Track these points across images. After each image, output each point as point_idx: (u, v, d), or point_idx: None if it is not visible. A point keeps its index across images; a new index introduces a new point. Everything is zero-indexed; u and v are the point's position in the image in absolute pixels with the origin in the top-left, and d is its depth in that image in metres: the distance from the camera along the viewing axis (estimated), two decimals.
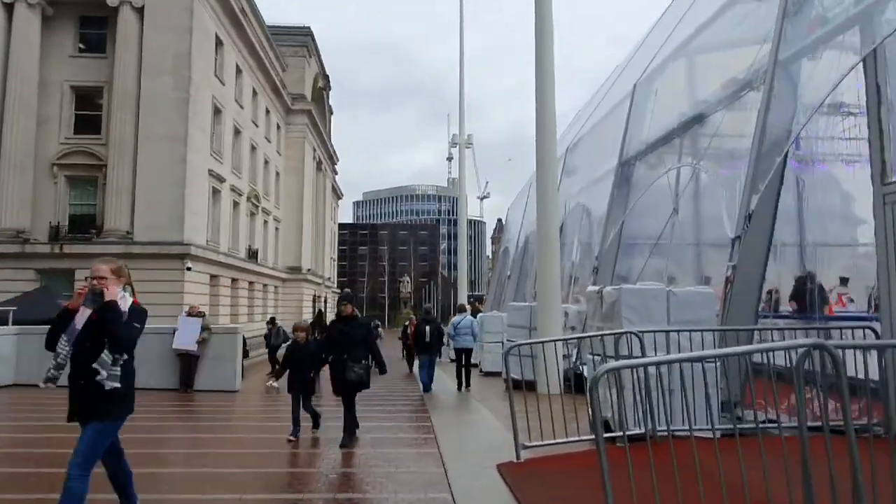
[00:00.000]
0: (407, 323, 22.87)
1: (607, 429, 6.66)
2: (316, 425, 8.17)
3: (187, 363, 13.55)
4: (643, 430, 6.31)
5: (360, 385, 7.41)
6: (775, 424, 6.43)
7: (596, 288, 7.83)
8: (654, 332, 6.40)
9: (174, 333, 13.71)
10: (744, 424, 5.68)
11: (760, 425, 6.28)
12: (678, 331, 6.50)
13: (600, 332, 6.64)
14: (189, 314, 14.34)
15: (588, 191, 16.15)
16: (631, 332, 6.25)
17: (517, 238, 25.67)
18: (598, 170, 15.33)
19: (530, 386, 5.88)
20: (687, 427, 3.84)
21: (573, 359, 11.25)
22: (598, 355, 7.01)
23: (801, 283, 8.77)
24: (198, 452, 7.56)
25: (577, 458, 5.98)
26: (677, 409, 6.47)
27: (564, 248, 15.44)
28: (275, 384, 13.29)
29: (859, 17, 6.87)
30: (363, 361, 7.42)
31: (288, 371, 8.17)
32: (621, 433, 6.24)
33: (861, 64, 6.59)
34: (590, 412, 5.93)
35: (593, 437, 6.22)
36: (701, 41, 11.17)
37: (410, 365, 18.70)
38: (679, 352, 6.59)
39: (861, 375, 4.96)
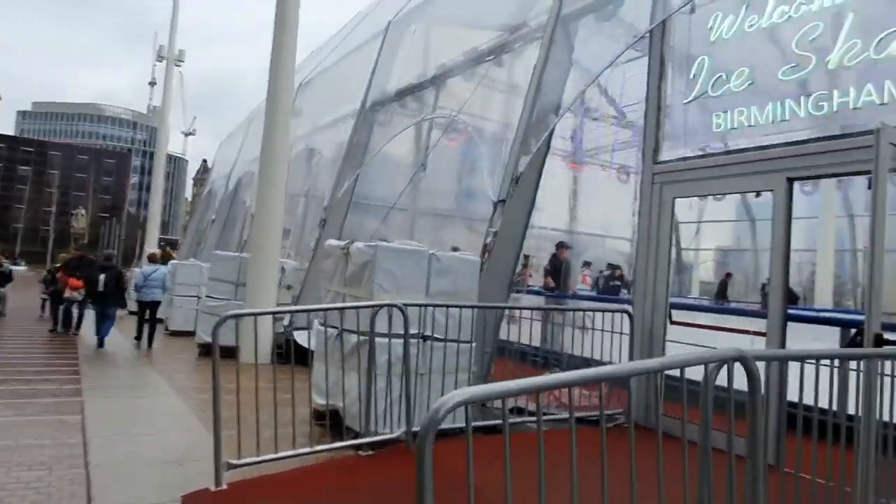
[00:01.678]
0: (58, 265, 15.61)
1: (335, 426, 5.18)
2: None
3: None
4: (396, 433, 5.00)
5: None
6: (532, 418, 5.76)
7: (339, 242, 6.21)
8: (427, 305, 5.12)
9: None
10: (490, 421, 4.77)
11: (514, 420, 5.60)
12: (460, 306, 5.38)
13: (357, 304, 5.04)
14: None
15: (321, 133, 14.35)
16: (395, 305, 4.80)
17: (227, 179, 22.51)
18: (335, 111, 13.63)
19: (229, 353, 3.99)
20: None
21: (285, 323, 9.56)
22: (335, 328, 5.47)
23: (555, 259, 8.46)
24: None
25: (300, 479, 4.34)
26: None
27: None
28: None
29: None
30: None
31: None
32: (369, 438, 4.89)
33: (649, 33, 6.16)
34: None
35: (329, 446, 4.81)
36: None
37: (55, 318, 13.71)
38: (434, 329, 5.43)
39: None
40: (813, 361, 2.74)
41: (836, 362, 2.88)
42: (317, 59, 17.73)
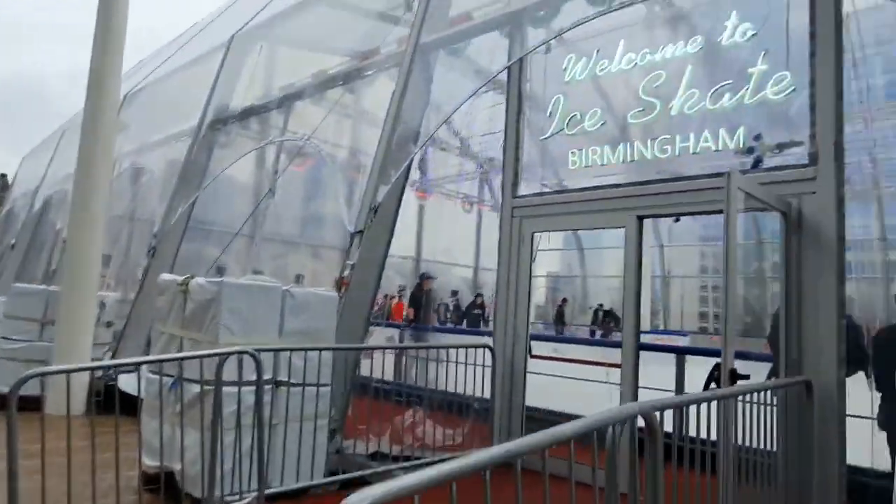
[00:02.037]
0: None
1: (170, 492, 4.45)
2: None
3: None
4: (247, 498, 4.38)
5: None
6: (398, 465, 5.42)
7: (175, 277, 5.46)
8: (282, 350, 4.61)
9: None
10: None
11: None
12: (319, 349, 4.94)
13: (202, 353, 4.36)
14: None
15: (151, 151, 12.97)
16: (246, 352, 4.23)
17: (33, 198, 19.59)
18: (169, 127, 12.41)
19: (32, 404, 3.23)
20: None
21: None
22: (171, 376, 4.74)
23: (418, 289, 8.23)
24: None
25: None
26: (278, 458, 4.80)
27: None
28: None
29: (509, 18, 6.61)
30: None
31: None
32: None
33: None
34: None
35: None
36: None
37: None
38: (291, 374, 4.93)
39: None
40: (702, 404, 2.77)
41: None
42: (147, 68, 16.14)
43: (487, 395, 5.82)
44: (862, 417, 4.42)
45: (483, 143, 13.36)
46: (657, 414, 2.19)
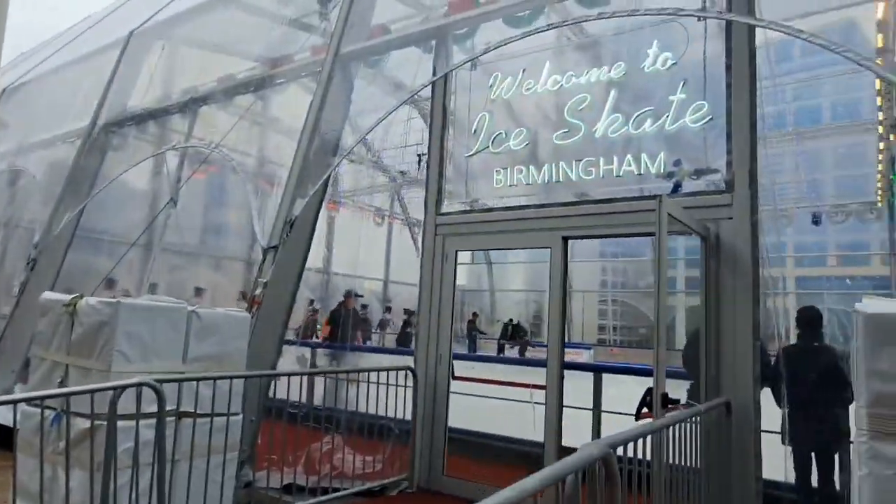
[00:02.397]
0: None
1: None
2: None
3: None
4: None
5: None
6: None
7: (60, 296, 4.85)
8: (186, 379, 4.16)
9: None
10: None
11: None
12: (229, 376, 4.54)
13: (93, 387, 3.84)
14: None
15: (32, 152, 11.77)
16: (146, 384, 3.78)
17: None
18: (53, 127, 11.31)
19: None
20: None
21: None
22: (53, 409, 4.19)
23: (341, 308, 7.86)
24: None
25: None
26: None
27: None
28: None
29: (428, 34, 6.50)
30: None
31: None
32: None
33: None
34: None
35: None
36: None
37: None
38: (197, 403, 4.49)
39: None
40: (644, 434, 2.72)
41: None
42: (30, 62, 14.69)
43: (409, 416, 5.62)
44: (773, 432, 4.61)
45: (396, 156, 13.24)
46: (613, 452, 2.09)
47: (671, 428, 3.31)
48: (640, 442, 2.90)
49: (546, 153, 5.36)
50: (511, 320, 22.70)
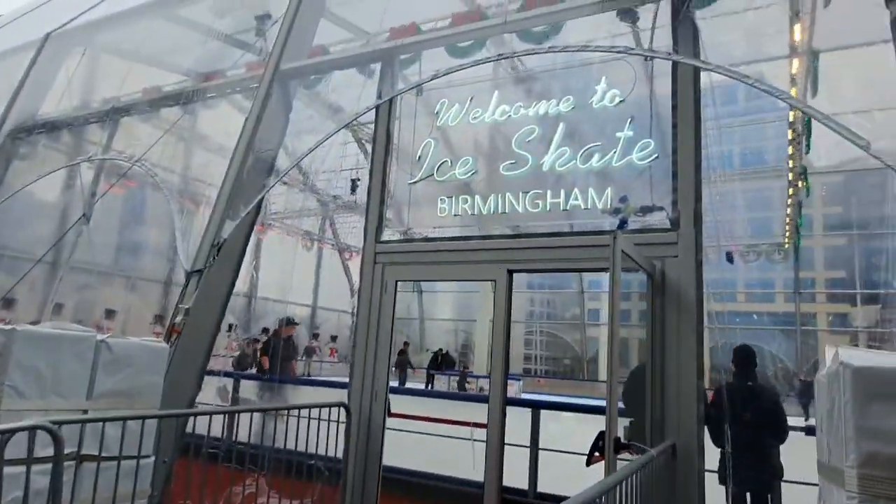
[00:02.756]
0: None
1: None
2: None
3: None
4: None
5: None
6: None
7: None
8: (89, 421, 3.67)
9: None
10: None
11: None
12: (141, 417, 4.04)
13: None
14: None
15: None
16: (40, 427, 3.29)
17: None
18: None
19: None
20: None
21: None
22: None
23: (276, 337, 7.38)
24: None
25: None
26: None
27: None
28: None
29: (370, 57, 6.33)
30: None
31: None
32: None
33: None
34: None
35: None
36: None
37: None
38: (103, 447, 4.00)
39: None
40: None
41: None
42: None
43: (340, 455, 5.26)
44: (710, 471, 4.58)
45: (329, 180, 12.94)
46: None
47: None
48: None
49: (492, 184, 5.25)
50: (441, 350, 22.51)
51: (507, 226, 5.19)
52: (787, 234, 18.76)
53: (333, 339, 25.56)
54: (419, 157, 5.59)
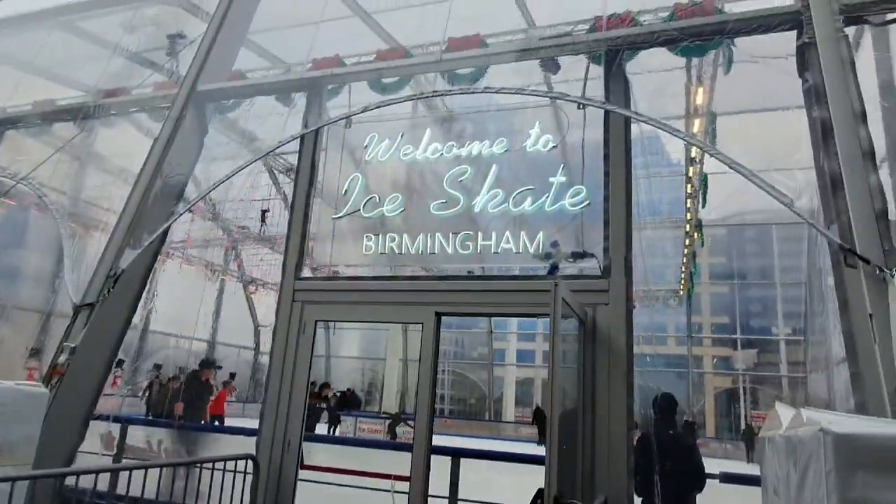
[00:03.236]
0: None
1: None
2: None
3: None
4: None
5: None
6: None
7: None
8: None
9: None
10: None
11: None
12: (12, 479, 3.39)
13: None
14: None
15: None
16: None
17: None
18: None
19: None
20: None
21: None
22: None
23: (194, 381, 6.68)
24: None
25: None
26: None
27: None
28: None
29: (293, 86, 6.07)
30: None
31: None
32: None
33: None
34: None
35: None
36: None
37: None
38: None
39: None
40: None
41: None
42: None
43: None
44: None
45: (237, 210, 12.41)
46: None
47: None
48: None
49: (422, 223, 5.09)
50: (348, 389, 21.77)
51: (436, 267, 5.02)
52: (683, 281, 19.91)
53: (232, 377, 24.09)
54: (345, 192, 5.35)
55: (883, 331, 3.23)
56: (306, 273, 5.33)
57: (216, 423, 11.32)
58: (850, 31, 4.25)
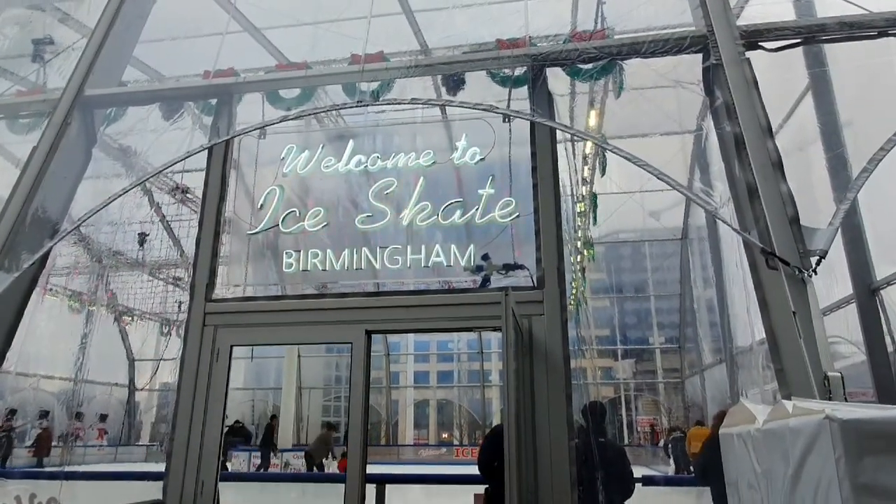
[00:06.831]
0: None
1: None
2: None
3: None
4: None
5: None
6: None
7: None
8: None
9: None
10: None
11: None
12: None
13: None
14: None
15: None
16: None
17: None
18: None
19: None
20: None
21: None
22: None
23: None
24: None
25: None
26: None
27: None
28: None
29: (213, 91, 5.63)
30: None
31: None
32: None
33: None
34: None
35: None
36: None
37: None
38: None
39: None
40: None
41: None
42: None
43: None
44: None
45: (109, 233, 11.38)
46: None
47: None
48: None
49: (347, 237, 4.85)
50: (237, 422, 20.42)
51: (364, 283, 4.79)
52: (572, 299, 20.77)
53: (103, 418, 21.79)
54: (261, 206, 4.99)
55: (807, 327, 3.46)
56: (219, 294, 4.88)
57: None
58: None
